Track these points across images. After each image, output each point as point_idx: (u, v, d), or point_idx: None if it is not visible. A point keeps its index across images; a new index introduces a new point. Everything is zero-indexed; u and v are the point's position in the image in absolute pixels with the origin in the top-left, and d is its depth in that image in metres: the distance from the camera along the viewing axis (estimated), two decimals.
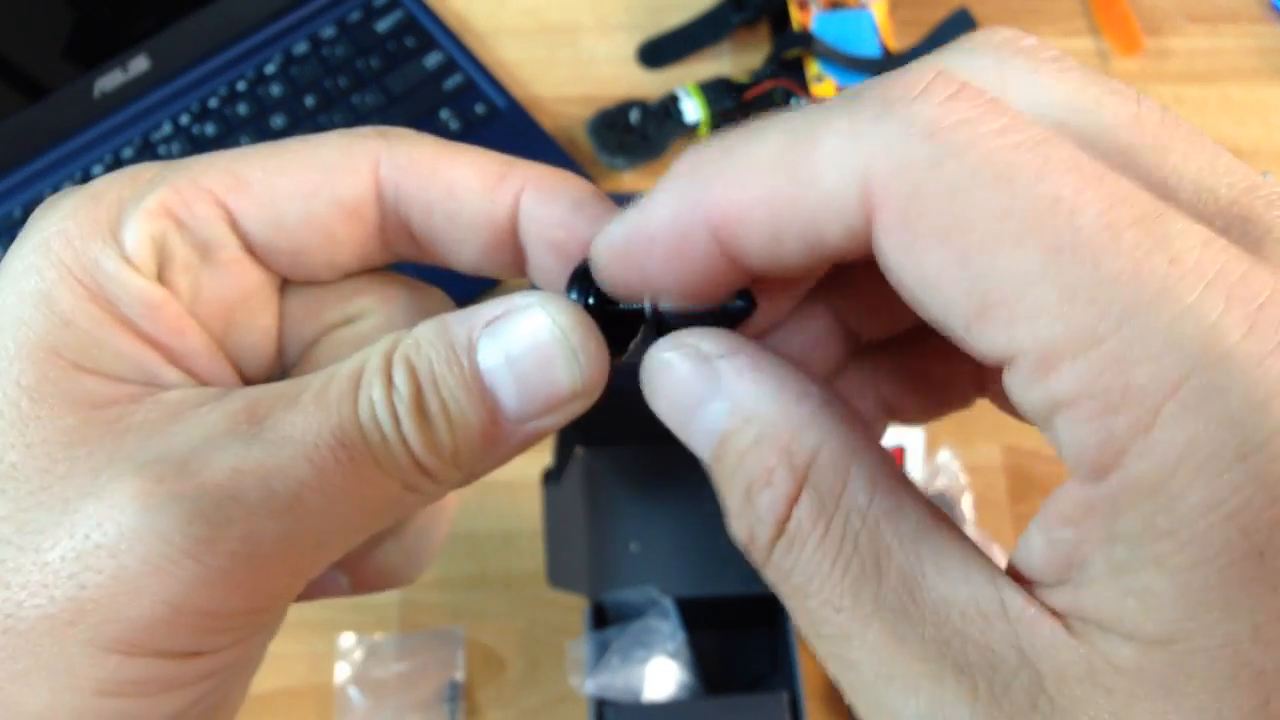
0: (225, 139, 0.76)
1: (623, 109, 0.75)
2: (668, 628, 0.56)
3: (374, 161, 0.24)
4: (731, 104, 0.75)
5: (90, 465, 0.21)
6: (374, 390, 0.22)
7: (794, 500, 0.19)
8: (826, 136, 0.18)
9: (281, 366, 0.26)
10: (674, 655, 0.55)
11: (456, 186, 0.24)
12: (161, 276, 0.23)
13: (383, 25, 0.80)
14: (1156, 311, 0.16)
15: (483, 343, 0.22)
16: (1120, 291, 0.16)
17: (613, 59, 0.80)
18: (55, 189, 0.74)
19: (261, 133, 0.76)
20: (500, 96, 0.77)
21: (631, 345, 0.23)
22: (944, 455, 0.66)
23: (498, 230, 0.25)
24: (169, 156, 0.75)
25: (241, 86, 0.78)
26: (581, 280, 0.23)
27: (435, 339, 0.22)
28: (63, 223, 0.22)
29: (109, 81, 0.76)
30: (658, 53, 0.80)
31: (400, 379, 0.22)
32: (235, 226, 0.23)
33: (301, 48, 0.79)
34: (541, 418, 0.23)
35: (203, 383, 0.23)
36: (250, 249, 0.24)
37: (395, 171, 0.24)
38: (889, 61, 0.74)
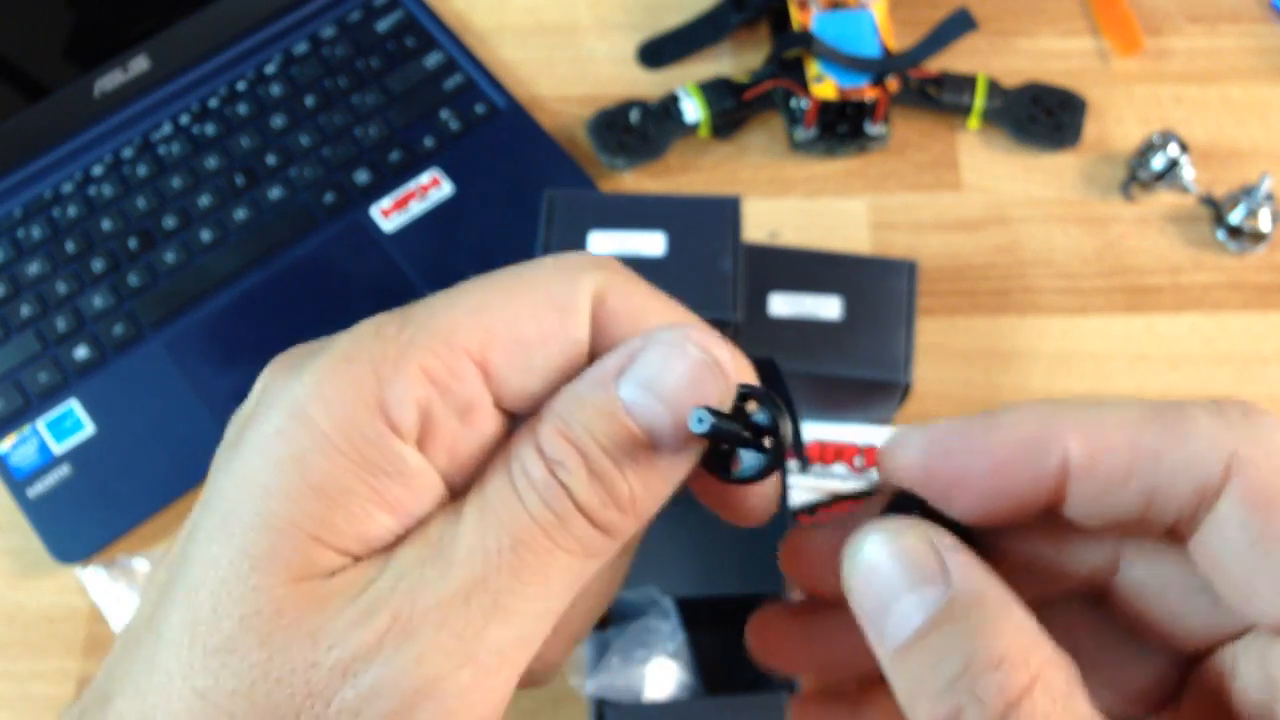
0: (225, 139, 0.76)
1: (623, 109, 0.75)
2: (668, 628, 0.56)
3: (594, 299, 0.24)
4: (731, 104, 0.75)
5: (302, 632, 0.21)
6: (535, 476, 0.22)
7: (1027, 691, 0.20)
8: (1197, 415, 0.22)
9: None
10: (674, 655, 0.55)
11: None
12: (422, 443, 0.22)
13: (383, 25, 0.80)
14: None
15: (623, 387, 0.23)
16: None
17: (613, 59, 0.80)
18: (55, 189, 0.74)
19: (262, 133, 0.76)
20: (500, 96, 0.77)
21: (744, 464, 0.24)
22: None
23: None
24: (169, 157, 0.75)
25: (241, 86, 0.78)
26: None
27: (575, 403, 0.23)
28: (319, 387, 0.22)
29: (109, 81, 0.76)
30: (658, 53, 0.80)
31: (560, 452, 0.22)
32: (489, 382, 0.23)
33: (301, 48, 0.79)
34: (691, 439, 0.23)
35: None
36: (499, 401, 0.23)
37: (608, 314, 0.24)
38: (889, 61, 0.74)
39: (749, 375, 0.24)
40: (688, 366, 0.23)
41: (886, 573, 0.22)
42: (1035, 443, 0.23)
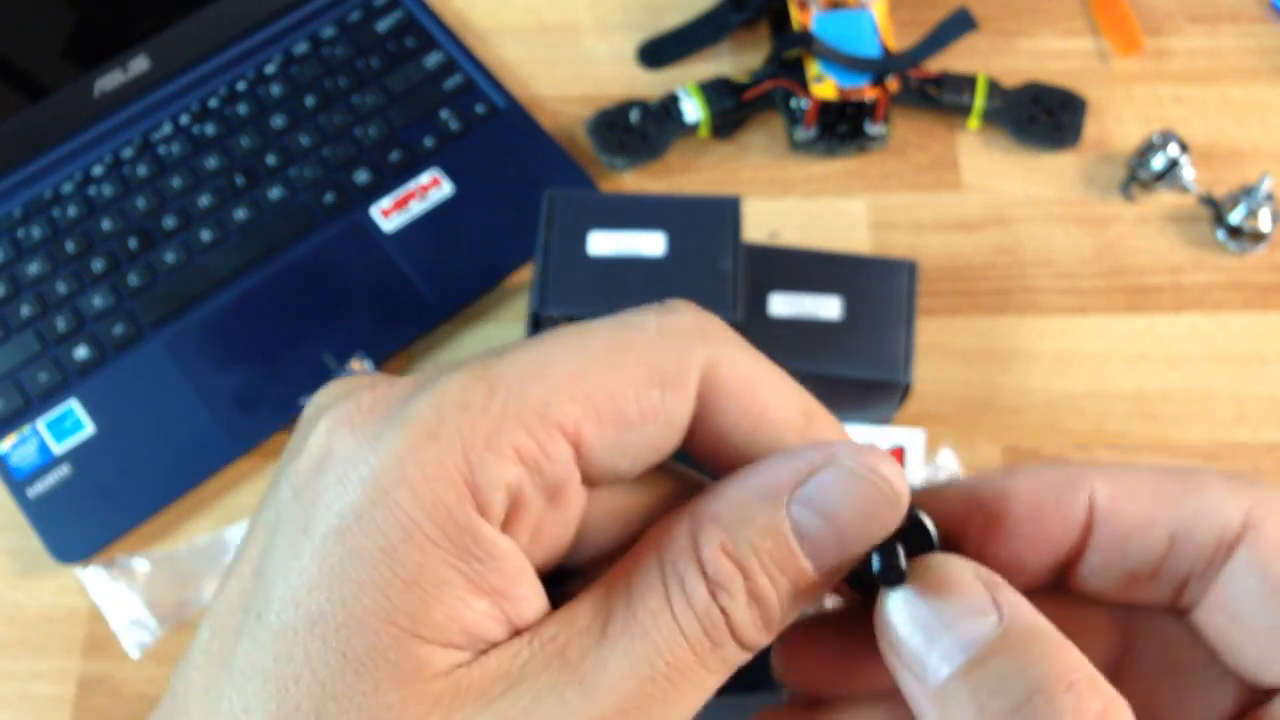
0: (225, 139, 0.76)
1: (623, 109, 0.75)
2: None
3: (701, 374, 0.22)
4: (731, 104, 0.75)
5: None
6: (697, 601, 0.21)
7: (1103, 716, 0.20)
8: (1213, 475, 0.23)
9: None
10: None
11: (765, 421, 0.23)
12: (508, 524, 0.21)
13: (383, 25, 0.80)
14: None
15: (796, 508, 0.21)
16: None
17: (613, 59, 0.80)
18: (55, 189, 0.74)
19: (262, 133, 0.76)
20: (500, 96, 0.77)
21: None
22: (945, 455, 0.66)
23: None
24: (169, 157, 0.75)
25: (241, 86, 0.78)
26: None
27: (742, 516, 0.21)
28: (402, 469, 0.20)
29: (109, 81, 0.76)
30: (658, 53, 0.80)
31: (725, 576, 0.21)
32: (581, 460, 0.21)
33: (301, 48, 0.79)
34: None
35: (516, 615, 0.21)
36: (586, 478, 0.22)
37: (717, 392, 0.22)
38: (889, 61, 0.74)
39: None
40: (868, 500, 0.21)
41: (931, 605, 0.21)
42: (1064, 486, 0.23)
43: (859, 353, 0.61)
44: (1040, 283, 0.72)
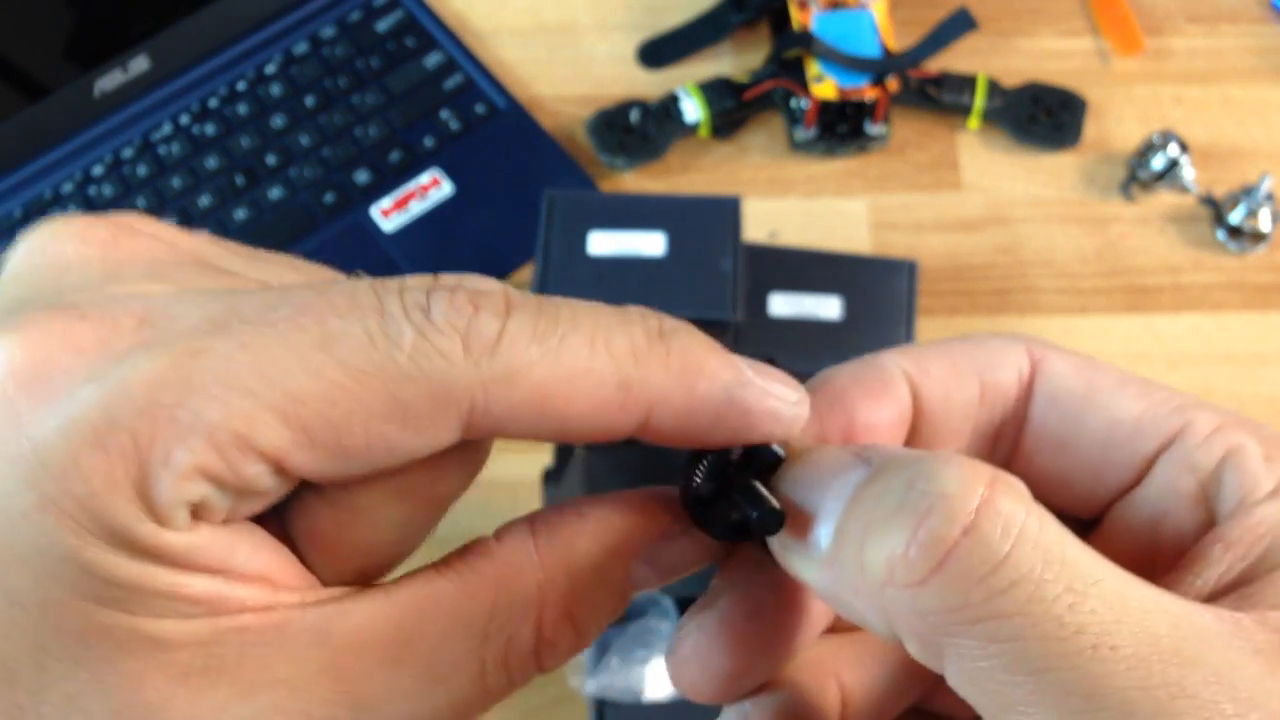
0: (225, 139, 0.76)
1: (623, 109, 0.75)
2: (667, 628, 0.56)
3: (467, 405, 0.19)
4: (731, 104, 0.75)
5: None
6: (528, 667, 0.21)
7: (991, 485, 0.18)
8: (987, 336, 0.25)
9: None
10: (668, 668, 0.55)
11: (570, 420, 0.20)
12: (200, 517, 0.19)
13: (383, 25, 0.80)
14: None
15: (640, 571, 0.22)
16: None
17: (613, 59, 0.80)
18: (55, 189, 0.74)
19: (262, 133, 0.76)
20: (500, 96, 0.77)
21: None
22: None
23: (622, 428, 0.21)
24: (169, 157, 0.75)
25: (241, 86, 0.78)
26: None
27: (591, 597, 0.21)
28: (64, 482, 0.17)
29: (109, 81, 0.76)
30: (658, 53, 0.80)
31: (565, 640, 0.21)
32: (284, 472, 0.19)
33: (301, 48, 0.79)
34: None
35: (259, 583, 0.19)
36: (297, 477, 0.19)
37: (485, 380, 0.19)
38: (889, 61, 0.74)
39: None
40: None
41: (803, 484, 0.21)
42: (873, 366, 0.24)
43: (859, 353, 0.61)
44: (1040, 283, 0.72)
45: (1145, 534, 0.22)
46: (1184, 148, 0.73)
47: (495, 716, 0.67)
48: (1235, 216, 0.71)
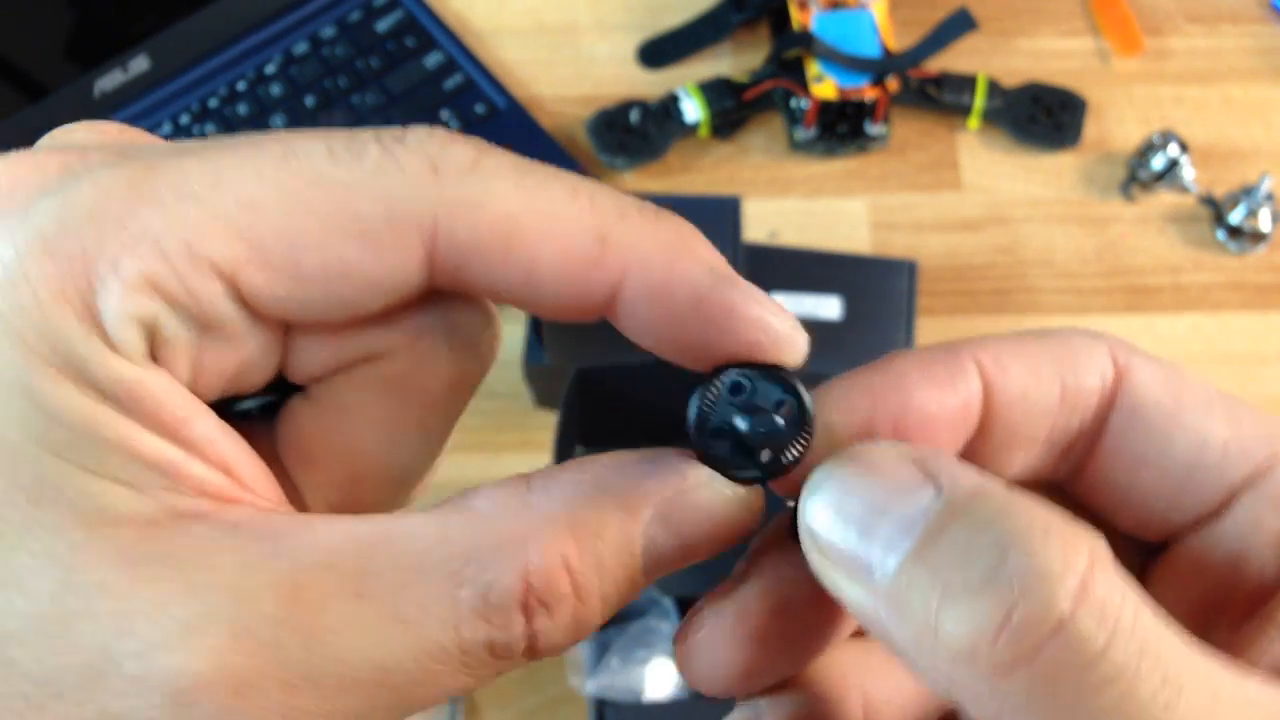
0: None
1: (623, 109, 0.75)
2: (668, 628, 0.56)
3: (430, 229, 0.18)
4: (731, 104, 0.75)
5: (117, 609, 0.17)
6: (513, 625, 0.18)
7: (1090, 567, 0.17)
8: (1071, 333, 0.22)
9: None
10: (674, 655, 0.55)
11: (540, 265, 0.19)
12: (154, 355, 0.18)
13: (383, 25, 0.80)
14: None
15: (653, 531, 0.20)
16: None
17: (613, 59, 0.80)
18: None
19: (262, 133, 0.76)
20: (500, 96, 0.77)
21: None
22: None
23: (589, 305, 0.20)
24: None
25: (241, 86, 0.78)
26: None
27: (593, 549, 0.19)
28: (14, 295, 0.17)
29: (109, 81, 0.76)
30: (658, 53, 0.80)
31: (559, 600, 0.19)
32: (240, 297, 0.18)
33: (301, 48, 0.79)
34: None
35: (220, 468, 0.19)
36: (258, 313, 0.19)
37: (447, 229, 0.19)
38: (889, 61, 0.74)
39: None
40: (728, 522, 0.21)
41: (858, 497, 0.18)
42: (948, 356, 0.21)
43: (859, 352, 0.61)
44: (1040, 283, 0.72)
45: (1222, 572, 0.21)
46: (1184, 148, 0.73)
47: (495, 717, 0.67)
48: (1235, 216, 0.71)
